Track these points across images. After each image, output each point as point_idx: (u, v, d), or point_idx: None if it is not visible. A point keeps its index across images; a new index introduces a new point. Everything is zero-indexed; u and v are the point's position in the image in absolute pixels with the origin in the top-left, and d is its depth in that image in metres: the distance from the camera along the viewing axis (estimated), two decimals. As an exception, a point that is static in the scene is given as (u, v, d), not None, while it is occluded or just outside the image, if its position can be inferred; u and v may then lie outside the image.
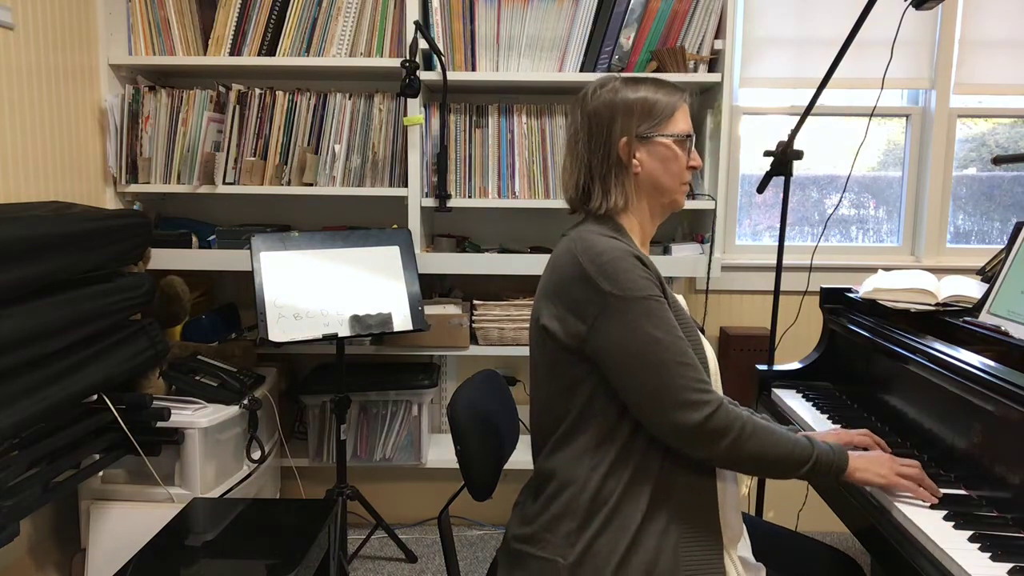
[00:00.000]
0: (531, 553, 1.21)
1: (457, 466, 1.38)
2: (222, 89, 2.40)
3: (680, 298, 1.33)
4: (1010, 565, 1.06)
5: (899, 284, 1.72)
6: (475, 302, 2.46)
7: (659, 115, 1.26)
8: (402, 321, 2.20)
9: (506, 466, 1.52)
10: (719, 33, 2.35)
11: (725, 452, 1.14)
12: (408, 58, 2.24)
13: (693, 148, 1.30)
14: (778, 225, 2.08)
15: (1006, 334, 1.38)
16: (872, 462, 1.24)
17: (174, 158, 2.39)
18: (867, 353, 1.74)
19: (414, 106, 2.34)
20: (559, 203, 2.42)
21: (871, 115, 2.36)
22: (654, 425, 1.16)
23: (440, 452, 2.59)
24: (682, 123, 1.28)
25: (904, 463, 1.27)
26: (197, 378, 2.09)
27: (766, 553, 1.36)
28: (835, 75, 1.90)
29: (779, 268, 2.08)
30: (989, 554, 1.08)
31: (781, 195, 2.04)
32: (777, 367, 1.99)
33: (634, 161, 1.26)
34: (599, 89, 1.30)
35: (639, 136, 1.26)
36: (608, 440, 1.19)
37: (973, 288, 1.62)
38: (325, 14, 2.36)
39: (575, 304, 1.18)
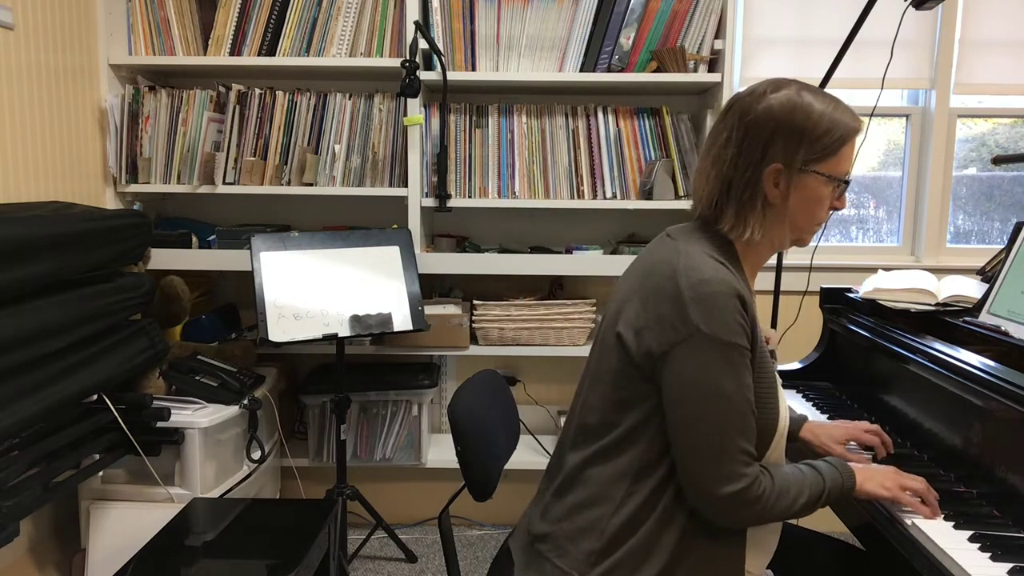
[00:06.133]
0: (549, 558, 1.18)
1: (457, 466, 1.38)
2: (222, 89, 2.40)
3: (772, 332, 1.26)
4: (1010, 565, 1.06)
5: (899, 284, 1.72)
6: (475, 302, 2.46)
7: (829, 145, 1.11)
8: (402, 321, 2.20)
9: (506, 466, 1.52)
10: (719, 33, 2.35)
11: (750, 518, 1.11)
12: (408, 58, 2.24)
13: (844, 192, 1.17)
14: (778, 225, 2.07)
15: (1006, 334, 1.38)
16: (877, 473, 1.21)
17: (174, 158, 2.39)
18: (867, 353, 1.74)
19: (414, 106, 2.34)
20: (559, 203, 2.42)
21: (871, 115, 2.35)
22: (685, 477, 1.10)
23: (440, 452, 2.59)
24: (846, 162, 1.14)
25: (910, 476, 1.23)
26: (197, 378, 2.09)
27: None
28: (835, 75, 1.90)
29: (779, 268, 2.08)
30: (989, 554, 1.08)
31: (781, 195, 2.04)
32: (777, 367, 1.99)
33: (776, 191, 1.13)
34: (772, 92, 1.13)
35: (795, 167, 1.11)
36: (650, 469, 1.13)
37: (973, 288, 1.62)
38: (325, 14, 2.36)
39: (659, 322, 1.09)
